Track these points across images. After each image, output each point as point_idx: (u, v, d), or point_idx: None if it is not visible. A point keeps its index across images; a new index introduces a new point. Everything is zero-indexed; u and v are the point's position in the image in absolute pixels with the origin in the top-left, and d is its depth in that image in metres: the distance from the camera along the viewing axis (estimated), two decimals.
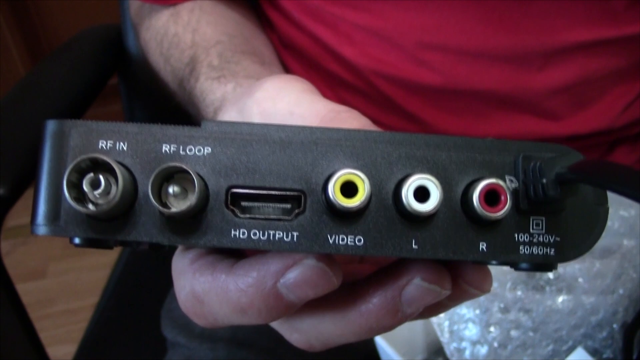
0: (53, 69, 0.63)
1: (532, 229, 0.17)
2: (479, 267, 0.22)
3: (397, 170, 0.17)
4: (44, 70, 0.63)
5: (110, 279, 0.70)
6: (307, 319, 0.23)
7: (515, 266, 0.18)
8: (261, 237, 0.17)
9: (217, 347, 0.48)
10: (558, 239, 0.17)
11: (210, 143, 0.17)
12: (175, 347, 0.50)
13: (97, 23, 0.76)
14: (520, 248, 0.17)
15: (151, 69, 0.54)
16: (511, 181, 0.17)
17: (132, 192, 0.16)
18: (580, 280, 0.42)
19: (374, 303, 0.21)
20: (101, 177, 0.15)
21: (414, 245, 0.17)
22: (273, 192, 0.17)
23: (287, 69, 0.56)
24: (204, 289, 0.22)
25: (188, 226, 0.16)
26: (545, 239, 0.17)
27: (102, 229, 0.16)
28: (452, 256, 0.17)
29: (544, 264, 0.17)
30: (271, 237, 0.17)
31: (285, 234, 0.17)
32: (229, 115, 0.27)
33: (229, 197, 0.17)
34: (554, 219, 0.17)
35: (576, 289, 0.42)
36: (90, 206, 0.16)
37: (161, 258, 0.25)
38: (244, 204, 0.17)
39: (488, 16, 0.47)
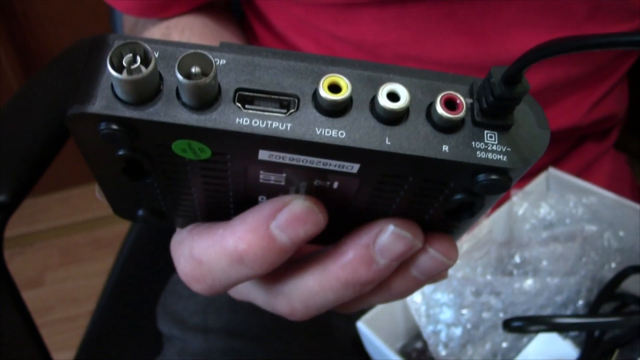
0: (49, 80, 0.65)
1: (487, 140, 0.20)
2: (446, 237, 0.25)
3: (374, 86, 0.20)
4: (40, 81, 0.65)
5: (107, 282, 0.72)
6: (292, 280, 0.25)
7: (475, 181, 0.20)
8: (260, 124, 0.19)
9: (209, 337, 0.50)
10: (509, 149, 0.20)
11: (225, 56, 0.20)
12: (171, 340, 0.53)
13: (87, 34, 0.79)
14: (477, 153, 0.20)
15: None
16: (467, 99, 0.20)
17: (157, 82, 0.19)
18: (544, 263, 0.45)
19: (350, 253, 0.23)
20: (138, 57, 0.19)
21: (387, 142, 0.20)
22: (273, 96, 0.20)
23: None
24: (202, 248, 0.24)
25: (202, 112, 0.19)
26: (498, 148, 0.20)
27: (128, 110, 0.19)
28: (420, 152, 0.20)
29: (499, 180, 0.20)
30: (268, 125, 0.19)
31: (280, 124, 0.19)
32: None
33: (237, 96, 0.20)
34: (505, 134, 0.20)
35: (541, 272, 0.45)
36: (125, 73, 0.18)
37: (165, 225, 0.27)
38: (247, 103, 0.20)
39: (459, 29, 0.49)
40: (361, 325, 0.48)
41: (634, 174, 0.67)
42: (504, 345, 0.45)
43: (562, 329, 0.42)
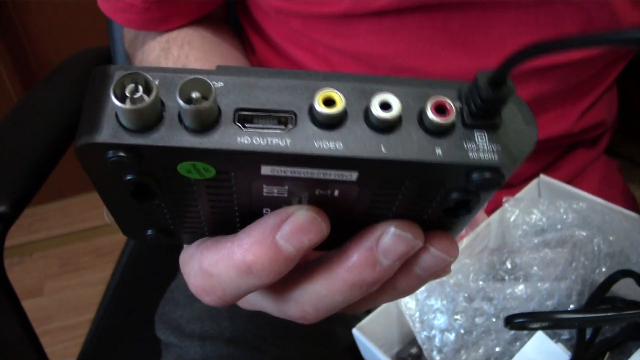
0: (48, 91, 0.66)
1: (477, 140, 0.21)
2: (445, 235, 0.25)
3: (367, 97, 0.21)
4: (39, 93, 0.66)
5: (106, 290, 0.73)
6: (301, 285, 0.26)
7: (469, 180, 0.21)
8: (261, 142, 0.20)
9: (205, 344, 0.51)
10: (499, 148, 0.21)
11: (222, 79, 0.21)
12: (168, 347, 0.54)
13: (85, 46, 0.80)
14: (469, 154, 0.20)
15: None
16: (455, 103, 0.21)
17: (159, 109, 0.20)
18: (535, 268, 0.45)
19: (355, 256, 0.24)
20: (140, 86, 0.19)
21: (383, 149, 0.20)
22: (271, 114, 0.21)
23: None
24: (211, 261, 0.25)
25: (204, 135, 0.20)
26: (489, 147, 0.21)
27: (133, 137, 0.20)
28: (415, 157, 0.20)
29: (492, 178, 0.21)
30: (269, 142, 0.20)
31: (280, 140, 0.20)
32: None
33: (236, 116, 0.20)
34: (494, 134, 0.21)
35: (532, 277, 0.46)
36: (129, 103, 0.19)
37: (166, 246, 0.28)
38: (247, 123, 0.21)
39: (453, 41, 0.50)
40: (356, 332, 0.48)
41: (626, 179, 0.68)
42: (497, 349, 0.46)
43: (564, 325, 0.42)
